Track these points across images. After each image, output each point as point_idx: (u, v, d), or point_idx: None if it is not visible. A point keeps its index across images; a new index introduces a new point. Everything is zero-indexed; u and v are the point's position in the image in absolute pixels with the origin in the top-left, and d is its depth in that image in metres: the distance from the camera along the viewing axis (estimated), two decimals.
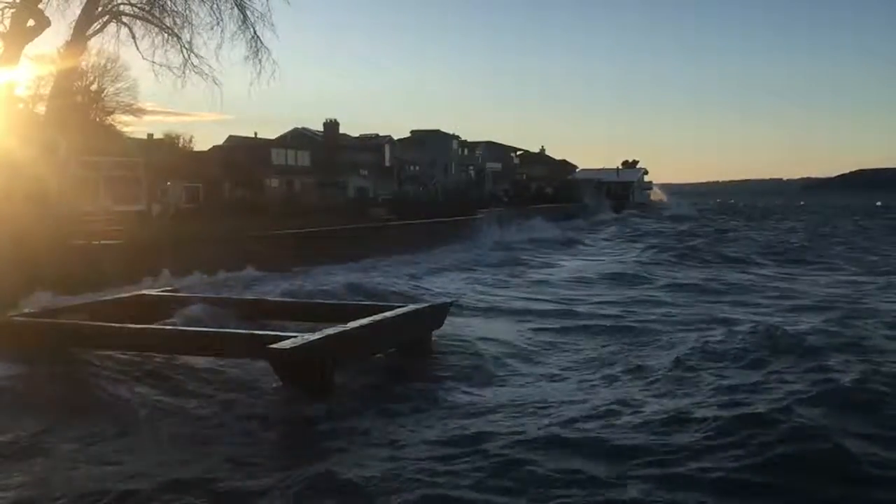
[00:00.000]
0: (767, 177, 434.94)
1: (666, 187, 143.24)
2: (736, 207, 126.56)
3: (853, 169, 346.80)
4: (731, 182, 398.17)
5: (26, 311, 13.85)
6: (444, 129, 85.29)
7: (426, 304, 14.89)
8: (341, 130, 72.48)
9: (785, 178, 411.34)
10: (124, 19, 26.16)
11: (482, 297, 21.40)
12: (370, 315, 12.77)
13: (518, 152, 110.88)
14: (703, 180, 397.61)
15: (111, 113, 50.27)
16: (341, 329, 11.60)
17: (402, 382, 11.72)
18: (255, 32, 26.78)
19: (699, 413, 8.92)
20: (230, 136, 65.53)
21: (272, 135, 67.77)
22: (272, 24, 27.10)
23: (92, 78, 46.85)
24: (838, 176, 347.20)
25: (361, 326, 11.97)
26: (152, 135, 55.08)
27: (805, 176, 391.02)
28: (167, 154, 49.12)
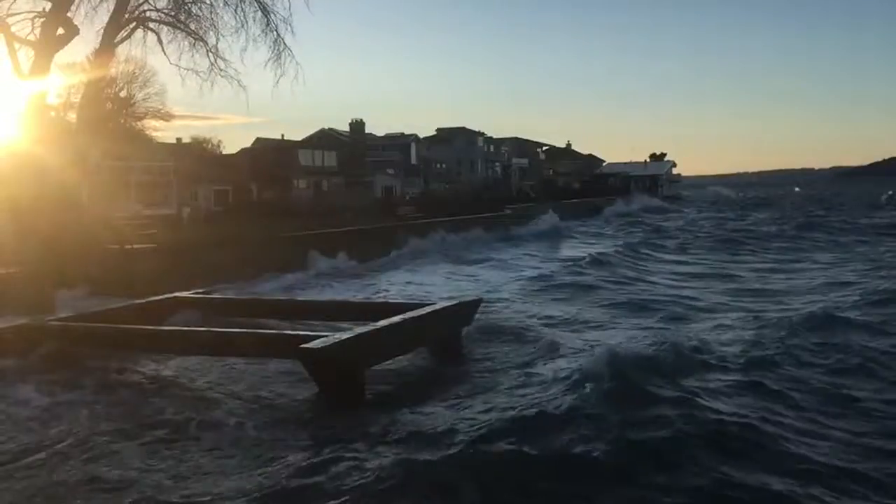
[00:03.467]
0: (798, 166, 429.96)
1: (695, 179, 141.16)
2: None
3: (886, 157, 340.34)
4: (761, 172, 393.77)
5: (61, 315, 14.01)
6: (469, 127, 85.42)
7: (456, 302, 14.83)
8: (367, 130, 72.81)
9: (816, 168, 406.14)
10: (151, 25, 26.44)
11: None
12: (399, 313, 12.75)
13: (544, 148, 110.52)
14: (733, 171, 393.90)
15: (141, 118, 51.07)
16: (372, 328, 11.61)
17: (433, 381, 11.69)
18: (278, 35, 26.96)
19: None
20: (258, 139, 66.08)
21: (299, 136, 68.36)
22: (292, 28, 27.23)
23: (121, 84, 47.62)
24: (870, 164, 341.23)
25: (391, 325, 11.95)
26: (181, 139, 55.83)
27: (836, 164, 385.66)
28: (196, 158, 49.65)
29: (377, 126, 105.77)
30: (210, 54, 26.68)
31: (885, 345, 12.77)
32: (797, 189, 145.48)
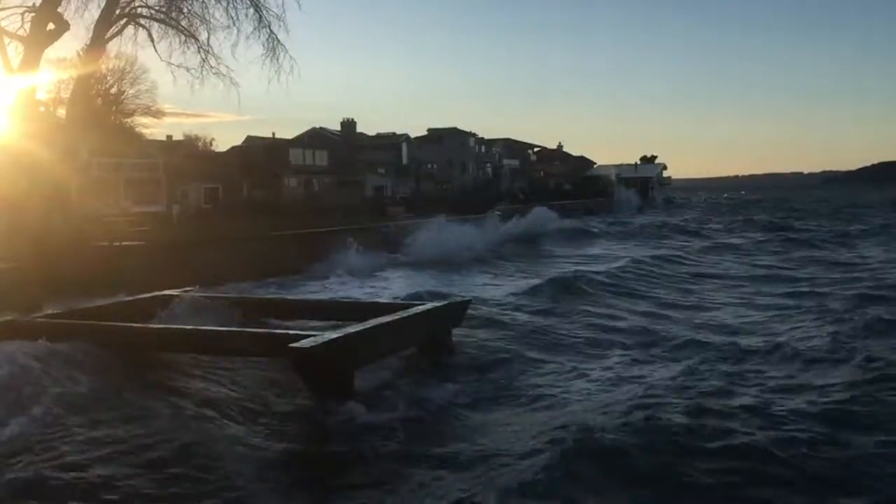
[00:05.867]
0: (788, 170, 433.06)
1: (686, 182, 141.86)
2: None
3: (875, 161, 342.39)
4: (751, 176, 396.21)
5: (48, 311, 13.91)
6: (461, 127, 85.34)
7: (446, 302, 14.84)
8: (358, 130, 72.66)
9: (805, 172, 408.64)
10: (142, 21, 26.35)
11: None
12: (390, 313, 12.74)
13: (536, 149, 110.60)
14: (723, 175, 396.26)
15: (131, 115, 50.84)
16: (361, 327, 11.57)
17: (422, 382, 11.69)
18: (271, 31, 26.90)
19: None
20: (248, 137, 65.87)
21: (290, 135, 68.10)
22: (285, 26, 27.17)
23: (111, 81, 47.41)
24: (859, 169, 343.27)
25: (381, 325, 11.92)
26: (171, 136, 55.60)
27: (826, 169, 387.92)
28: (186, 155, 49.48)
29: (368, 125, 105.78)
30: (201, 51, 26.63)
31: None
32: (742, 192, 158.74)
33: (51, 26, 24.17)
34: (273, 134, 66.33)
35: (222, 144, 60.67)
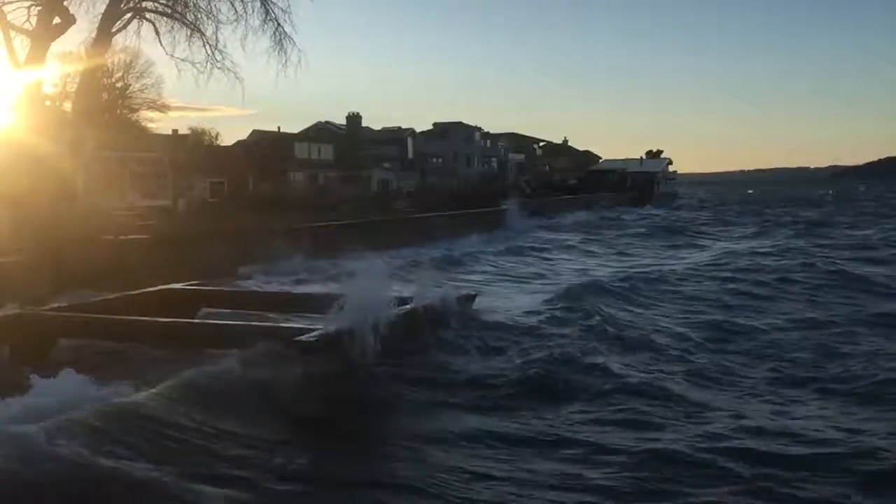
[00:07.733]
0: (794, 165, 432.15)
1: (691, 177, 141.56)
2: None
3: (882, 156, 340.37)
4: (757, 171, 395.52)
5: (53, 305, 13.98)
6: (466, 121, 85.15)
7: (451, 296, 14.86)
8: (364, 124, 72.60)
9: (812, 167, 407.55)
10: (148, 15, 26.40)
11: None
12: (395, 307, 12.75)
13: (541, 143, 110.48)
14: (729, 169, 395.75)
15: (137, 109, 50.80)
16: (365, 322, 11.59)
17: (427, 372, 11.70)
18: (278, 24, 26.92)
19: None
20: (254, 131, 65.81)
21: (295, 129, 68.04)
22: (291, 20, 27.21)
23: (118, 75, 47.36)
24: (867, 164, 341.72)
25: (385, 319, 11.94)
26: (177, 130, 55.61)
27: (833, 164, 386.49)
28: (192, 149, 49.49)
29: (374, 120, 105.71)
30: (207, 46, 26.66)
31: None
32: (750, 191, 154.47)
33: (57, 20, 24.24)
34: (278, 128, 66.29)
35: (227, 138, 60.44)
